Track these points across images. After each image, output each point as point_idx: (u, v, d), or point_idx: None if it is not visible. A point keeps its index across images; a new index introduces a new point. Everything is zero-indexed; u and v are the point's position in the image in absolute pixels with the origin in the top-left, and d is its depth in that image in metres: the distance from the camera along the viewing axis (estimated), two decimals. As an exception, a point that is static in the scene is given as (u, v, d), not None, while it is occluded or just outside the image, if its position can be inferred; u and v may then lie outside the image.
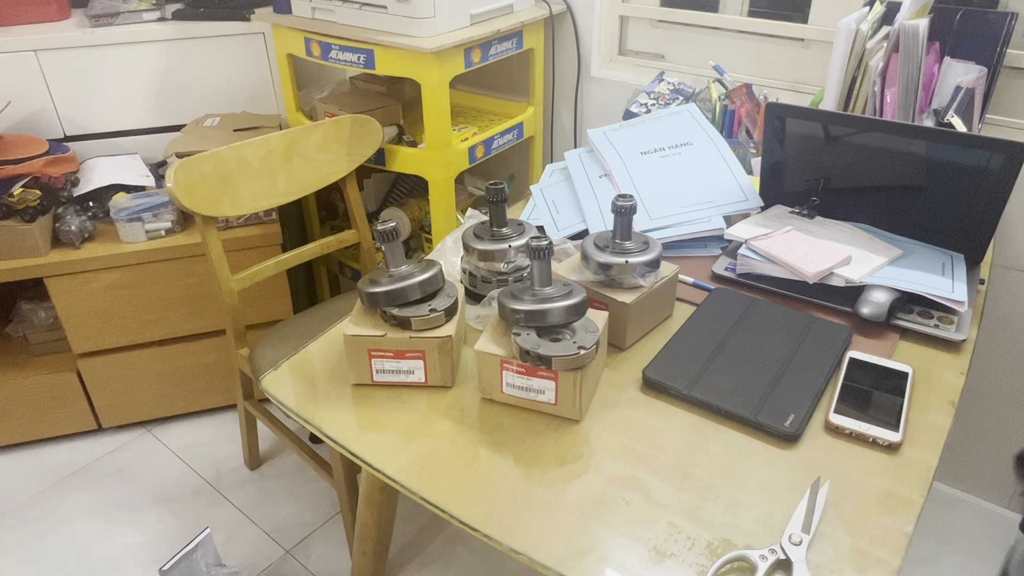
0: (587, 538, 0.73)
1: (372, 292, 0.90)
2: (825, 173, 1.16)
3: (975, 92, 1.23)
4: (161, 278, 1.76)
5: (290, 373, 0.97)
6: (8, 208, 1.62)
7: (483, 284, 1.02)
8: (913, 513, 0.74)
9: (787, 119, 1.14)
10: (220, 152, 1.41)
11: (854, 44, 1.21)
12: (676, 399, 0.90)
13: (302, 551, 1.63)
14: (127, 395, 1.89)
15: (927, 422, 0.85)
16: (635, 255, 0.95)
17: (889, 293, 0.99)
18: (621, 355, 0.98)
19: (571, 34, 1.79)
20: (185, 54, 1.86)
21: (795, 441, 0.83)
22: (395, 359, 0.91)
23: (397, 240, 0.92)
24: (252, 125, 1.83)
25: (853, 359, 0.93)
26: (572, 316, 0.85)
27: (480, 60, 1.61)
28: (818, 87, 1.56)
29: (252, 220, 1.78)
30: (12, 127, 1.79)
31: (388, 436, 0.86)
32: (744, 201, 1.22)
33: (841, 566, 0.69)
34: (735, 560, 0.70)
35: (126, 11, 1.84)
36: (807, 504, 0.75)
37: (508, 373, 0.87)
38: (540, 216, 1.27)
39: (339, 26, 1.58)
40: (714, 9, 1.67)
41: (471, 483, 0.79)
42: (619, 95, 1.77)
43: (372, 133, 1.60)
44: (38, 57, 1.75)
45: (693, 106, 1.38)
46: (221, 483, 1.80)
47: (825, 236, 1.11)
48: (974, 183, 1.02)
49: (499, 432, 0.86)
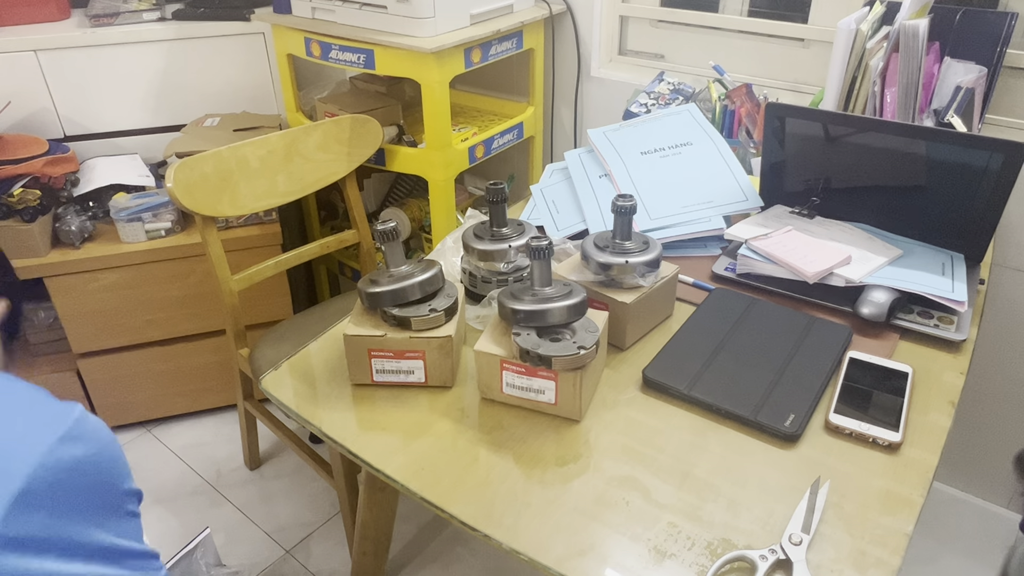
0: (587, 538, 0.73)
1: (372, 292, 0.90)
2: (825, 173, 1.16)
3: (975, 92, 1.23)
4: (161, 278, 1.76)
5: (290, 373, 0.97)
6: (8, 208, 1.62)
7: (483, 284, 1.02)
8: (913, 513, 0.74)
9: (787, 119, 1.14)
10: (220, 152, 1.41)
11: (854, 44, 1.21)
12: (676, 399, 0.90)
13: (302, 551, 1.63)
14: (127, 395, 1.89)
15: (927, 422, 0.85)
16: (635, 255, 0.95)
17: (889, 293, 0.99)
18: (621, 355, 0.98)
19: (571, 34, 1.79)
20: (185, 54, 1.86)
21: (795, 441, 0.83)
22: (395, 359, 0.91)
23: (397, 240, 0.92)
24: (252, 125, 1.83)
25: (853, 359, 0.93)
26: (572, 316, 0.85)
27: (480, 60, 1.61)
28: (818, 87, 1.56)
29: (252, 220, 1.78)
30: (12, 127, 1.79)
31: (388, 436, 0.86)
32: (744, 201, 1.22)
33: (841, 566, 0.69)
34: (735, 560, 0.70)
35: (126, 11, 1.84)
36: (807, 504, 0.75)
37: (508, 373, 0.87)
38: (540, 216, 1.27)
39: (339, 26, 1.58)
40: (714, 9, 1.67)
41: (471, 483, 0.79)
42: (619, 95, 1.77)
43: (372, 133, 1.60)
44: (38, 57, 1.75)
45: (693, 106, 1.38)
46: (221, 483, 1.80)
47: (825, 236, 1.11)
48: (974, 183, 1.02)
49: (499, 432, 0.86)
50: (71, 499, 0.64)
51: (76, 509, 0.64)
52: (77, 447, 0.64)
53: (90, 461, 0.66)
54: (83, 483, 0.65)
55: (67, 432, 0.64)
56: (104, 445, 0.68)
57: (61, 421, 0.65)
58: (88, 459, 0.65)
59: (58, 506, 0.62)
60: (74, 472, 0.64)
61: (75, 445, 0.64)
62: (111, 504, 0.68)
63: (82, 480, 0.65)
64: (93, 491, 0.66)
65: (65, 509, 0.63)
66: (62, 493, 0.63)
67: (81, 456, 0.65)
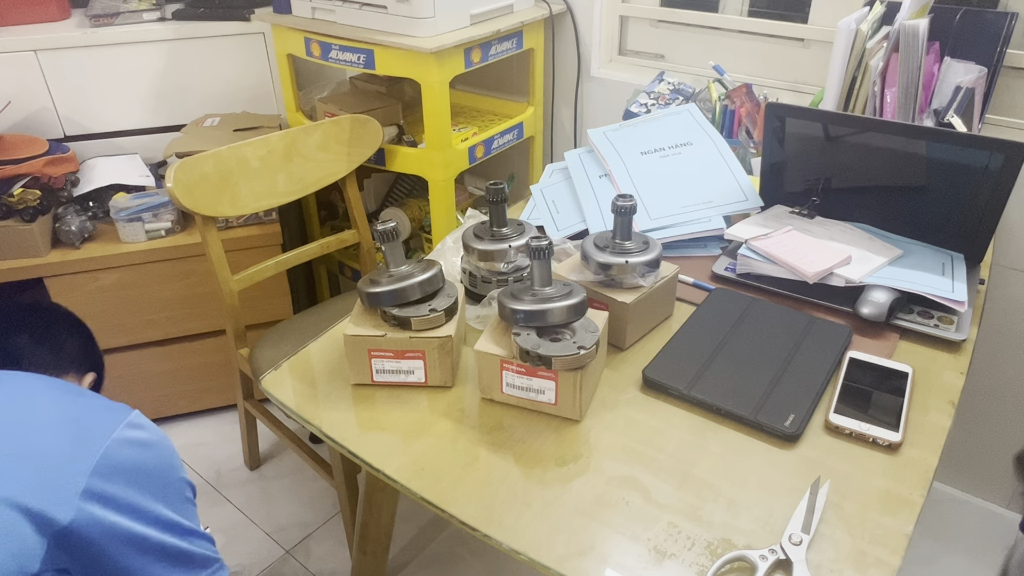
0: (587, 538, 0.73)
1: (372, 292, 0.90)
2: (825, 173, 1.16)
3: (975, 92, 1.23)
4: (161, 278, 1.76)
5: (290, 373, 0.97)
6: (8, 208, 1.62)
7: (483, 284, 1.02)
8: (913, 513, 0.74)
9: (787, 119, 1.14)
10: (220, 152, 1.41)
11: (854, 44, 1.21)
12: (676, 399, 0.90)
13: (302, 551, 1.63)
14: (127, 395, 1.89)
15: (927, 422, 0.85)
16: (635, 255, 0.95)
17: (889, 293, 0.99)
18: (621, 355, 0.98)
19: (571, 34, 1.79)
20: (185, 54, 1.86)
21: (795, 441, 0.83)
22: (395, 359, 0.91)
23: (397, 240, 0.92)
24: (252, 125, 1.83)
25: (853, 359, 0.93)
26: (572, 316, 0.85)
27: (480, 60, 1.61)
28: (818, 87, 1.56)
29: (252, 220, 1.78)
30: (12, 127, 1.79)
31: (388, 436, 0.86)
32: (744, 201, 1.22)
33: (841, 566, 0.69)
34: (735, 560, 0.70)
35: (126, 11, 1.84)
36: (807, 504, 0.75)
37: (508, 373, 0.87)
38: (540, 216, 1.27)
39: (339, 26, 1.58)
40: (714, 9, 1.67)
41: (471, 483, 0.79)
42: (619, 95, 1.77)
43: (372, 133, 1.60)
44: (38, 57, 1.75)
45: (693, 106, 1.38)
46: (221, 483, 1.80)
47: (825, 236, 1.11)
48: (974, 183, 1.02)
49: (499, 432, 0.86)
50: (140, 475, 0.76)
51: (145, 484, 0.76)
52: (140, 433, 0.78)
53: (152, 446, 0.79)
54: (149, 464, 0.78)
55: (130, 421, 0.78)
56: (161, 437, 0.81)
57: (124, 413, 0.79)
58: (150, 444, 0.79)
59: (131, 478, 0.75)
60: (141, 451, 0.77)
61: (138, 431, 0.78)
62: (173, 487, 0.80)
63: (148, 460, 0.78)
64: (157, 473, 0.78)
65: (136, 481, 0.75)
66: (132, 468, 0.75)
67: (145, 440, 0.78)
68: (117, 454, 0.74)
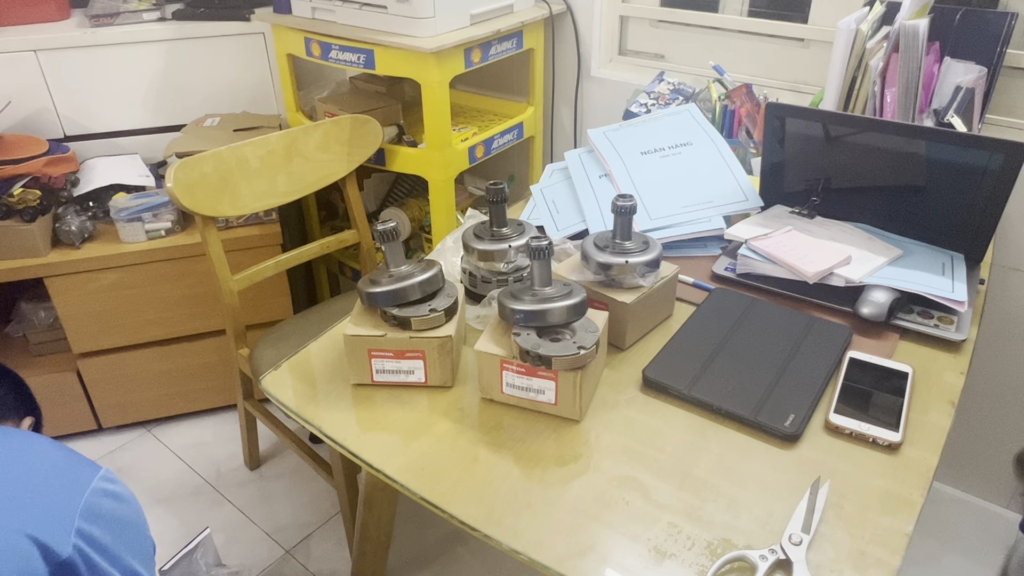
0: (587, 538, 0.73)
1: (372, 292, 0.90)
2: (825, 173, 1.16)
3: (975, 92, 1.23)
4: (161, 278, 1.76)
5: (290, 373, 0.97)
6: (8, 208, 1.62)
7: (483, 284, 1.02)
8: (913, 513, 0.74)
9: (787, 119, 1.14)
10: (220, 152, 1.41)
11: (854, 44, 1.21)
12: (676, 399, 0.90)
13: (302, 551, 1.63)
14: (127, 395, 1.89)
15: (927, 422, 0.85)
16: (635, 255, 0.95)
17: (889, 293, 0.99)
18: (621, 355, 0.98)
19: (571, 34, 1.79)
20: (185, 54, 1.86)
21: (795, 441, 0.83)
22: (395, 359, 0.91)
23: (397, 240, 0.92)
24: (252, 125, 1.83)
25: (853, 359, 0.93)
26: (572, 316, 0.85)
27: (480, 60, 1.61)
28: (818, 87, 1.56)
29: (252, 220, 1.78)
30: (12, 127, 1.79)
31: (388, 436, 0.86)
32: (744, 201, 1.22)
33: (841, 566, 0.69)
34: (735, 560, 0.70)
35: (126, 11, 1.84)
36: (807, 504, 0.75)
37: (508, 373, 0.87)
38: (540, 216, 1.27)
39: (339, 26, 1.58)
40: (714, 9, 1.67)
41: (471, 483, 0.79)
42: (619, 95, 1.77)
43: (372, 133, 1.60)
44: (38, 57, 1.75)
45: (693, 106, 1.38)
46: (221, 483, 1.80)
47: (825, 236, 1.11)
48: (974, 183, 1.02)
49: (499, 432, 0.86)
50: (117, 525, 0.79)
51: (120, 535, 0.79)
52: (115, 486, 0.81)
53: (125, 501, 0.82)
54: (124, 517, 0.81)
55: (104, 474, 0.81)
56: (130, 494, 0.84)
57: (96, 467, 0.82)
58: (124, 498, 0.82)
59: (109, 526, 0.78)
60: (117, 504, 0.80)
61: (113, 484, 0.81)
62: (144, 545, 0.83)
63: (124, 514, 0.81)
64: (131, 527, 0.81)
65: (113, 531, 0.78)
66: (110, 518, 0.78)
67: (119, 493, 0.81)
68: (98, 503, 0.78)
